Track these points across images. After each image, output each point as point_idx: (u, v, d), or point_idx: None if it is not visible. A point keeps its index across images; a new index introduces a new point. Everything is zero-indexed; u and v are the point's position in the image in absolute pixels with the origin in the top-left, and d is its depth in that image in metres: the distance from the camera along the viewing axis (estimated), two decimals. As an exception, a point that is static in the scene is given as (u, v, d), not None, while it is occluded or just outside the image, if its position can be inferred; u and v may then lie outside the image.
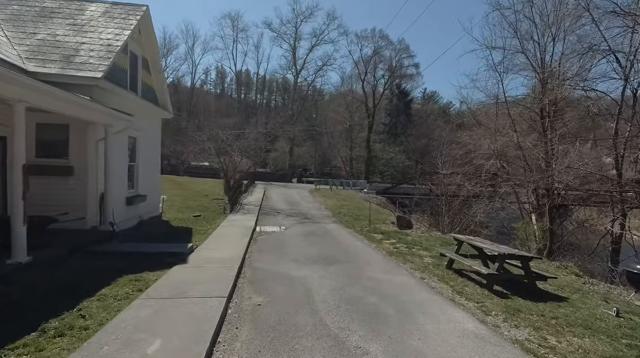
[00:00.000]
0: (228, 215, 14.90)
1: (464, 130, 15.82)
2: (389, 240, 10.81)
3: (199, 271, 6.27)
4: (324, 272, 6.77)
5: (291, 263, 7.51)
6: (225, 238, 10.01)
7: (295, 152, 56.26)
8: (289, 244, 9.75)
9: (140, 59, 11.34)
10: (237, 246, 8.87)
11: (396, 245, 9.91)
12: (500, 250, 6.04)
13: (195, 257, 7.46)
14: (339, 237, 11.11)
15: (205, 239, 9.66)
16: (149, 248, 7.76)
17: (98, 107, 7.81)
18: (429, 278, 6.53)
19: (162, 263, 6.67)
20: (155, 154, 13.03)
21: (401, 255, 8.54)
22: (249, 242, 9.66)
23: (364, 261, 7.85)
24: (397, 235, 11.77)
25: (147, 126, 12.07)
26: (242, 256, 7.79)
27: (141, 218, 11.43)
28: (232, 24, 63.13)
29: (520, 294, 5.78)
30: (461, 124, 18.46)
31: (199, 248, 8.35)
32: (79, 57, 8.49)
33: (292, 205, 20.00)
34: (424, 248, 9.59)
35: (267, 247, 9.37)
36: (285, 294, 5.37)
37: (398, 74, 55.43)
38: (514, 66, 12.55)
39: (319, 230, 12.45)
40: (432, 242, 10.69)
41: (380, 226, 14.45)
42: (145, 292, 5.00)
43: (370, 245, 9.92)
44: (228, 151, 19.04)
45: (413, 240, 10.86)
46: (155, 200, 12.97)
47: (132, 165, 11.04)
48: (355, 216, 16.79)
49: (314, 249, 9.05)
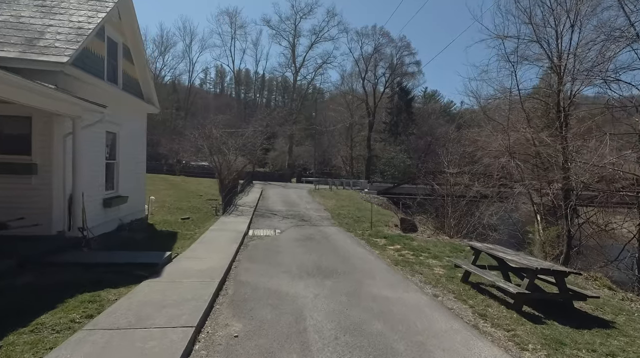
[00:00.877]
0: (220, 217, 13.91)
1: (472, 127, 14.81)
2: (393, 245, 9.83)
3: (172, 288, 5.29)
4: (320, 287, 5.78)
5: (283, 275, 6.53)
6: (213, 244, 9.03)
7: (295, 151, 55.22)
8: (283, 251, 8.76)
9: (120, 48, 10.36)
10: (223, 254, 7.89)
11: (401, 252, 8.92)
12: (529, 263, 5.05)
13: (173, 268, 6.48)
14: (338, 243, 10.12)
15: (189, 245, 8.68)
16: (119, 258, 6.78)
17: (62, 96, 6.82)
18: (443, 296, 5.54)
19: (130, 277, 5.70)
20: (139, 152, 12.04)
21: (408, 265, 7.55)
22: (237, 249, 8.68)
23: (366, 272, 6.86)
24: (402, 239, 10.79)
25: (130, 121, 11.09)
26: (227, 267, 6.82)
27: (122, 222, 10.45)
28: (230, 21, 61.98)
29: (555, 317, 4.79)
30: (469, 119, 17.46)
31: (179, 257, 7.37)
32: (43, 41, 7.51)
33: (290, 206, 19.01)
34: (433, 255, 8.60)
35: (258, 254, 8.38)
36: (272, 319, 4.38)
37: (399, 71, 54.37)
38: (527, 57, 11.59)
39: (317, 234, 11.46)
40: (440, 248, 9.70)
41: (383, 229, 13.47)
42: (96, 319, 4.02)
43: (373, 252, 8.93)
44: (222, 149, 18.04)
45: (419, 245, 9.87)
46: (139, 202, 11.99)
47: (110, 164, 10.05)
48: (355, 218, 15.81)
49: (310, 257, 8.06)
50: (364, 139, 52.53)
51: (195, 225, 12.07)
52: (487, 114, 12.03)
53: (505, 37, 11.52)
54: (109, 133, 9.87)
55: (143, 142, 12.44)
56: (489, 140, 12.86)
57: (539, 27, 11.37)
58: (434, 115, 61.97)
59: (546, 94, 11.98)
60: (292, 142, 54.21)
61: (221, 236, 10.10)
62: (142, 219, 12.00)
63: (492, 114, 12.82)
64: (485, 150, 12.29)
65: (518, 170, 11.13)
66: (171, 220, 12.79)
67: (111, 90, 9.62)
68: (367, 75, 54.11)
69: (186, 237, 9.96)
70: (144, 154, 12.49)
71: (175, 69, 63.75)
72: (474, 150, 14.19)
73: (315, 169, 50.45)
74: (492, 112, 12.97)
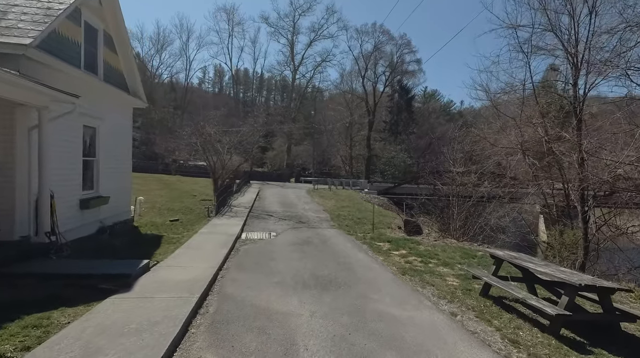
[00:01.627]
0: (212, 219, 13.07)
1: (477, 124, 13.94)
2: (397, 250, 8.99)
3: (140, 306, 4.44)
4: (318, 303, 4.94)
5: (275, 288, 5.69)
6: (200, 249, 8.18)
7: (294, 151, 54.34)
8: (277, 257, 7.92)
9: (101, 35, 9.51)
10: (210, 261, 7.05)
11: (408, 258, 8.08)
12: (567, 277, 4.22)
13: (148, 279, 5.64)
14: (338, 247, 9.28)
15: (173, 251, 7.84)
16: (89, 268, 5.93)
17: (24, 83, 5.97)
18: (462, 314, 4.71)
19: (95, 292, 4.86)
20: (124, 149, 11.19)
21: (417, 274, 6.71)
22: (227, 255, 7.84)
23: (370, 284, 6.02)
24: (407, 243, 9.96)
25: (113, 115, 10.24)
26: (212, 277, 5.98)
27: (102, 225, 9.60)
28: (228, 18, 60.99)
29: (601, 342, 3.97)
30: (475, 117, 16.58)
31: (159, 266, 6.53)
32: (5, 21, 6.66)
33: (287, 207, 18.17)
34: (443, 262, 7.76)
35: (249, 261, 7.54)
36: (257, 349, 3.54)
37: (399, 69, 53.50)
38: (541, 47, 10.76)
39: (315, 237, 10.63)
40: (450, 253, 8.87)
41: (386, 232, 12.65)
42: (31, 353, 3.17)
43: (376, 259, 8.09)
44: (216, 147, 17.18)
45: (427, 250, 9.04)
46: (124, 203, 11.13)
47: (89, 161, 9.21)
48: (356, 220, 14.97)
49: (307, 265, 7.22)
50: (364, 138, 51.68)
51: (184, 227, 11.23)
52: (498, 108, 11.22)
53: (518, 26, 10.73)
54: (87, 127, 9.02)
55: (128, 139, 11.58)
56: (498, 137, 12.03)
57: (554, 15, 10.57)
58: (434, 114, 61.22)
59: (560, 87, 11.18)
60: (291, 142, 53.34)
61: (210, 240, 9.27)
62: (126, 221, 11.15)
63: (502, 110, 11.97)
64: (495, 147, 11.44)
65: (533, 168, 10.31)
66: (159, 222, 11.94)
67: (89, 80, 8.77)
68: (367, 74, 53.28)
69: (172, 241, 9.12)
70: (129, 151, 11.63)
71: (172, 67, 62.51)
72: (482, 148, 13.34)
73: (314, 169, 49.59)
74: (502, 108, 12.15)
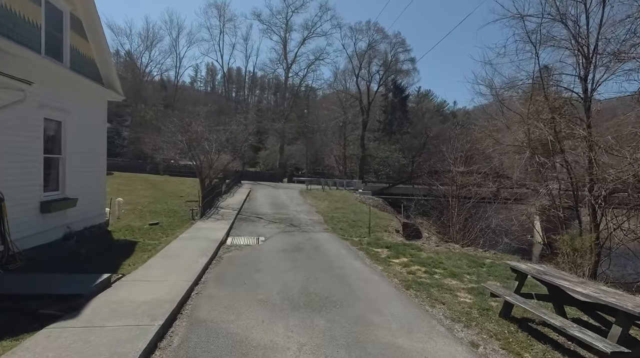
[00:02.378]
0: (196, 223, 12.10)
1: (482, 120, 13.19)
2: (398, 258, 8.15)
3: (83, 339, 3.51)
4: (309, 331, 4.05)
5: (258, 308, 4.79)
6: (176, 258, 7.24)
7: (286, 150, 53.30)
8: (264, 268, 7.02)
9: (67, 18, 8.49)
10: (186, 273, 6.13)
11: (410, 268, 7.24)
12: (616, 301, 3.39)
13: (104, 300, 4.69)
14: (332, 254, 8.41)
15: (145, 261, 6.89)
16: (35, 286, 4.96)
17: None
18: (485, 344, 3.86)
19: (33, 319, 3.92)
20: (97, 146, 10.15)
21: (423, 288, 5.86)
22: (207, 265, 6.92)
23: (370, 302, 5.15)
24: (407, 249, 9.13)
25: (83, 108, 9.23)
26: (183, 294, 5.06)
27: (70, 230, 8.60)
28: (219, 14, 59.59)
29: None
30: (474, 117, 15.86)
31: (123, 280, 5.58)
32: (-60, -7, 5.66)
33: (278, 209, 17.24)
34: (450, 272, 6.93)
35: (231, 272, 6.62)
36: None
37: (394, 68, 52.79)
38: (551, 38, 10.01)
39: (307, 243, 9.74)
40: (455, 261, 8.05)
41: (383, 236, 11.80)
42: None
43: (375, 268, 7.22)
44: (203, 145, 16.17)
45: (430, 258, 8.21)
46: (96, 205, 10.11)
47: (53, 159, 8.20)
48: (351, 222, 14.11)
49: (297, 277, 6.33)
50: (358, 137, 50.91)
51: (164, 232, 10.25)
52: (503, 103, 10.45)
53: (525, 15, 9.98)
54: (50, 121, 8.02)
55: (102, 135, 10.55)
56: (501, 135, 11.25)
57: (563, 4, 9.85)
58: (428, 114, 60.72)
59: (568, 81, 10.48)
60: (284, 141, 52.29)
61: (190, 247, 8.32)
62: (100, 226, 10.13)
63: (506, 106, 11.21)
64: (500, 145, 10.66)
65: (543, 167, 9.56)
66: (136, 226, 10.94)
67: (52, 68, 7.76)
68: (360, 73, 52.47)
69: (147, 248, 8.15)
70: (103, 148, 10.60)
71: (162, 64, 60.99)
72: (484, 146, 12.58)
73: (308, 169, 48.72)
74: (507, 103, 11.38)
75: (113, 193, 19.60)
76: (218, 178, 23.54)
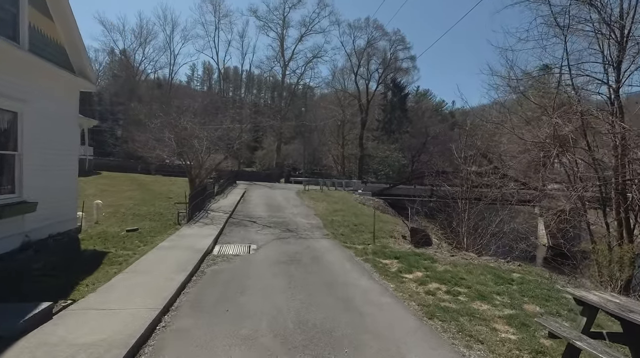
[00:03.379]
0: (182, 228, 10.90)
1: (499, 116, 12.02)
2: (411, 272, 6.99)
3: None
4: (307, 395, 2.88)
5: (241, 350, 3.62)
6: (149, 274, 6.05)
7: (284, 150, 52.09)
8: (253, 287, 5.84)
9: (25, -9, 7.27)
10: (156, 296, 4.95)
11: (428, 286, 6.08)
12: None
13: (33, 342, 3.50)
14: (335, 267, 7.24)
15: (109, 279, 5.69)
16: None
17: None
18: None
19: None
20: (66, 141, 8.90)
21: (450, 317, 4.69)
22: (183, 284, 5.74)
23: (387, 340, 3.99)
24: (419, 260, 7.97)
25: (45, 98, 8.00)
26: (143, 332, 3.88)
27: (28, 239, 7.39)
28: (214, 9, 58.13)
29: None
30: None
31: (70, 310, 4.39)
32: None
33: (274, 211, 16.05)
34: (477, 293, 5.77)
35: (212, 294, 5.44)
36: None
37: (393, 66, 51.73)
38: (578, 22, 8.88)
39: (305, 252, 8.57)
40: (478, 276, 6.90)
41: (389, 242, 10.65)
42: None
43: (387, 288, 6.05)
44: (192, 143, 14.95)
45: (448, 271, 7.05)
46: (65, 209, 8.87)
47: (6, 156, 6.97)
48: (352, 227, 12.95)
49: (293, 302, 5.15)
50: (356, 137, 49.79)
51: (143, 239, 9.03)
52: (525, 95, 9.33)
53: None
54: (2, 111, 6.79)
55: (73, 129, 9.32)
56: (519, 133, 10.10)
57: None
58: (427, 113, 59.67)
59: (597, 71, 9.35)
60: (281, 140, 51.08)
61: (169, 259, 7.13)
62: (69, 233, 8.90)
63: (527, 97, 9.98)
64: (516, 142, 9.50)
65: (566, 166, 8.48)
66: (112, 232, 9.72)
67: (3, 48, 6.54)
68: (359, 71, 51.37)
69: (116, 261, 6.95)
70: (74, 144, 9.37)
71: (157, 62, 59.35)
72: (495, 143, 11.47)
73: (305, 169, 47.52)
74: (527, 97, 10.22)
75: (97, 194, 18.33)
76: (212, 178, 22.33)
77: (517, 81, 9.04)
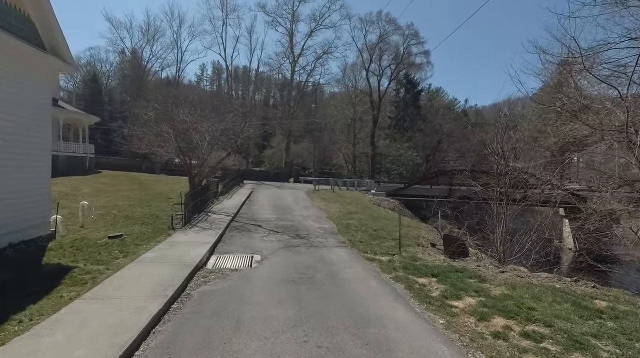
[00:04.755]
0: (175, 233, 9.44)
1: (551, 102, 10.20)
2: (459, 297, 5.32)
3: None
4: None
5: None
6: (112, 302, 4.54)
7: (293, 149, 50.51)
8: (251, 321, 4.26)
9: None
10: (110, 341, 3.42)
11: (490, 322, 4.41)
12: None
13: None
14: (358, 289, 5.62)
15: (57, 310, 4.21)
16: None
17: None
18: None
19: None
20: (33, 134, 7.48)
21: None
22: (157, 316, 4.21)
23: None
24: (462, 278, 6.30)
25: (8, 81, 6.59)
26: None
27: (-23, 250, 5.95)
28: (222, 3, 56.75)
29: None
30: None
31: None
32: None
33: (281, 214, 14.50)
34: (566, 335, 4.08)
35: (193, 334, 3.89)
36: None
37: (406, 62, 49.68)
38: None
39: (319, 266, 6.97)
40: (548, 303, 5.19)
41: (417, 252, 8.98)
42: None
43: (434, 324, 4.41)
44: (190, 137, 13.48)
45: (507, 296, 5.36)
46: (32, 213, 7.45)
47: (-57, 146, 5.56)
48: (372, 232, 11.31)
49: (304, 349, 3.57)
50: (368, 135, 47.92)
51: (124, 249, 7.55)
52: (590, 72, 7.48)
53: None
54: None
55: (43, 120, 7.86)
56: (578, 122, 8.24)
57: None
58: (440, 111, 57.46)
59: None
60: (290, 139, 49.53)
61: (147, 277, 5.61)
62: (36, 241, 7.47)
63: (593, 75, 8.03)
64: (590, 131, 7.60)
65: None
66: (93, 239, 8.27)
67: None
68: (371, 67, 49.47)
69: (80, 280, 5.46)
70: (45, 137, 7.93)
71: (164, 59, 58.34)
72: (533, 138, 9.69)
73: (315, 168, 45.89)
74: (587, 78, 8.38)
75: (92, 194, 17.07)
76: (217, 177, 20.91)
77: (581, 56, 7.20)
